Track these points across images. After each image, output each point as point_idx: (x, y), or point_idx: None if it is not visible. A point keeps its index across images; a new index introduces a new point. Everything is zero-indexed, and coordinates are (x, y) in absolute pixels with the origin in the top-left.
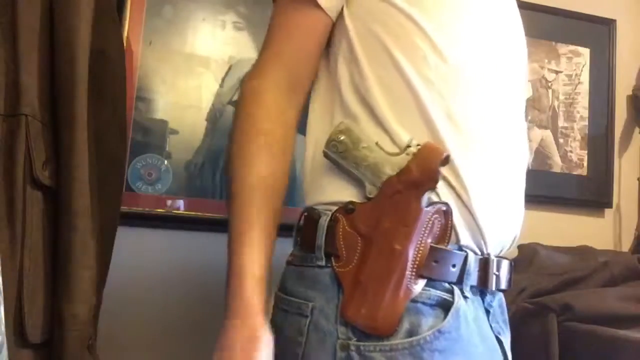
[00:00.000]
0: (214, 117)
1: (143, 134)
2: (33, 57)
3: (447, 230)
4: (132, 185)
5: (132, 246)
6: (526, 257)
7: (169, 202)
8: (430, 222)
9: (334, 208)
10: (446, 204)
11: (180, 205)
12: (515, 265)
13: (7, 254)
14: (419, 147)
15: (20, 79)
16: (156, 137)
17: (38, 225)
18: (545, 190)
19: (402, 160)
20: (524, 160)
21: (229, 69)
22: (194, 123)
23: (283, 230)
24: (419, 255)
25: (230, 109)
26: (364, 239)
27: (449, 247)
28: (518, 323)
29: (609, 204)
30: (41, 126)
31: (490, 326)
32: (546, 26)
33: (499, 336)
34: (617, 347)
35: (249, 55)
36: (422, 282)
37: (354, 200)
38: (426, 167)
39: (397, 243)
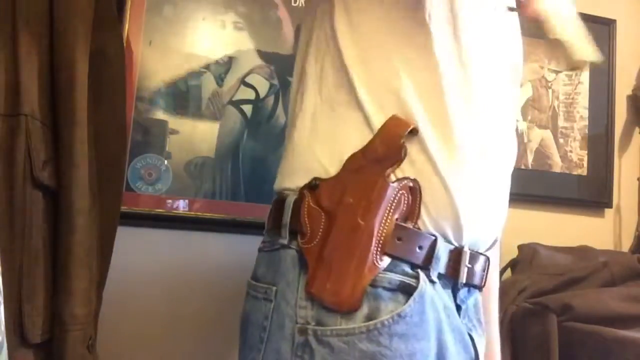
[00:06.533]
0: (214, 117)
1: (143, 134)
2: (33, 57)
3: (414, 207)
4: (132, 185)
5: (132, 246)
6: (526, 257)
7: (169, 202)
8: (397, 198)
9: (301, 185)
10: (414, 180)
11: (180, 205)
12: (515, 265)
13: (7, 254)
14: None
15: (20, 79)
16: (156, 137)
17: (38, 225)
18: (545, 190)
19: None
20: (511, 159)
21: (229, 68)
22: (193, 123)
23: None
24: (384, 231)
25: (230, 108)
26: (327, 215)
27: (418, 227)
28: (518, 323)
29: (609, 204)
30: (41, 126)
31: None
32: None
33: (470, 333)
34: (617, 347)
35: (249, 55)
36: (387, 260)
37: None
38: (391, 141)
39: (361, 218)
